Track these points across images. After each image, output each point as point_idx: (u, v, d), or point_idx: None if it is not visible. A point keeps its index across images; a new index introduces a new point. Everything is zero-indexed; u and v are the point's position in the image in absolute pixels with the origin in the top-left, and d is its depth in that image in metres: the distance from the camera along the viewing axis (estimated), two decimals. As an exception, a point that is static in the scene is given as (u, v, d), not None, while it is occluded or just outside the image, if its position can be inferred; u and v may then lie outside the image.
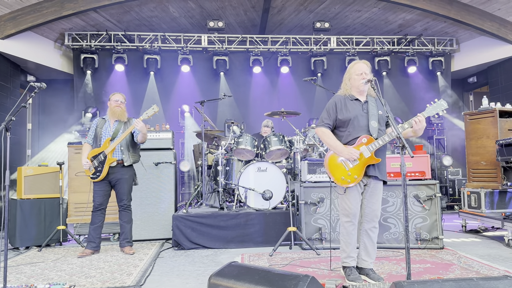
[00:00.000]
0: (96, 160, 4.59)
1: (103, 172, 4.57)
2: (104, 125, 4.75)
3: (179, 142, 9.00)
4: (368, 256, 3.40)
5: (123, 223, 4.76)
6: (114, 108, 4.72)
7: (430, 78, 9.64)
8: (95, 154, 4.61)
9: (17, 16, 7.33)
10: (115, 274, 3.77)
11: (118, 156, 4.63)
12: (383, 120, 3.39)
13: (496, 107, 5.55)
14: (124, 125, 4.75)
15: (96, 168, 4.59)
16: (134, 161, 4.76)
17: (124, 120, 4.78)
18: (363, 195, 3.41)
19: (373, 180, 3.36)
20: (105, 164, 4.56)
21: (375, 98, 3.43)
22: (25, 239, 5.15)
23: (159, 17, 8.40)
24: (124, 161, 4.65)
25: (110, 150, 4.55)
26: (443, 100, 3.25)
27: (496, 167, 5.45)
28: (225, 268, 2.66)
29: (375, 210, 3.38)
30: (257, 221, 5.09)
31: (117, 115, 4.72)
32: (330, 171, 3.39)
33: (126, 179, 4.69)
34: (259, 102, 9.21)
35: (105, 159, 4.56)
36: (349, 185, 3.29)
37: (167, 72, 9.13)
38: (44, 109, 9.14)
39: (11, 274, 3.83)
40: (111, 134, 4.67)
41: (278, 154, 5.77)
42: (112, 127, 4.72)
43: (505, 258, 4.17)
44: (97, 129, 4.74)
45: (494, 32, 8.28)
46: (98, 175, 4.59)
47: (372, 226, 3.39)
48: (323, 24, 8.58)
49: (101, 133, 4.69)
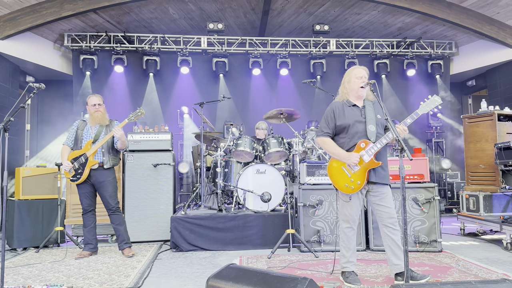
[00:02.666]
0: (76, 162, 4.52)
1: (83, 174, 4.50)
2: (85, 127, 4.70)
3: (178, 144, 8.98)
4: (398, 259, 3.28)
5: (116, 226, 4.69)
6: (94, 113, 4.66)
7: (429, 81, 9.65)
8: (75, 156, 4.56)
9: (16, 17, 7.33)
10: (113, 276, 3.76)
11: (99, 158, 4.58)
12: (381, 124, 3.38)
13: (494, 110, 5.56)
14: (106, 128, 4.70)
15: (77, 171, 4.52)
16: (114, 164, 4.69)
17: (105, 123, 4.72)
18: (373, 202, 3.37)
19: (375, 186, 3.33)
20: (86, 167, 4.50)
21: (372, 102, 3.43)
22: (22, 240, 5.13)
23: (158, 18, 8.40)
24: (104, 164, 4.58)
25: (92, 152, 4.51)
26: (437, 96, 3.26)
27: (494, 171, 5.46)
28: (223, 270, 2.65)
29: (390, 213, 3.31)
30: (255, 223, 5.08)
31: (98, 120, 4.67)
32: (333, 179, 3.38)
33: (109, 181, 4.62)
34: (258, 104, 9.20)
35: (86, 161, 4.50)
36: (354, 192, 3.28)
37: (167, 74, 9.13)
38: (43, 110, 9.13)
39: (9, 275, 3.81)
40: (92, 136, 4.63)
41: (277, 156, 5.77)
42: (94, 130, 4.67)
43: (504, 261, 4.17)
44: (78, 131, 4.69)
45: (493, 35, 8.29)
46: (78, 177, 4.51)
47: (391, 229, 3.30)
48: (323, 27, 8.59)
49: (82, 135, 4.65)
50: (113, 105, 8.05)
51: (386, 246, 3.35)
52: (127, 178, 5.58)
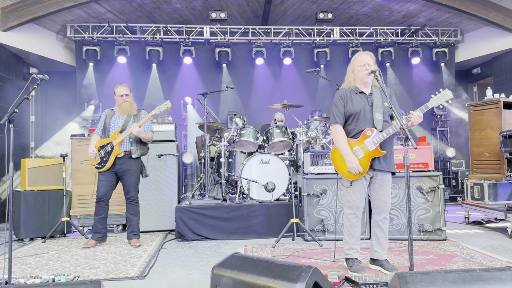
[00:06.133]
0: (103, 150, 4.57)
1: (108, 162, 4.54)
2: (113, 116, 4.73)
3: (181, 134, 8.99)
4: (380, 248, 3.42)
5: (130, 216, 4.73)
6: (122, 104, 4.68)
7: (434, 69, 9.57)
8: (102, 144, 4.60)
9: (19, 8, 7.31)
10: (119, 265, 3.80)
11: (127, 147, 4.61)
12: (387, 112, 3.36)
13: (500, 98, 5.51)
14: (134, 118, 4.71)
15: (102, 158, 4.57)
16: (142, 153, 4.71)
17: (133, 113, 4.73)
18: (371, 188, 3.42)
19: (379, 172, 3.35)
20: (111, 155, 4.54)
21: (380, 90, 3.40)
22: (29, 230, 5.18)
23: (161, 8, 8.35)
24: (132, 153, 4.61)
25: (118, 141, 4.53)
26: (448, 90, 3.21)
27: (499, 159, 5.43)
28: (228, 259, 2.66)
29: (385, 202, 3.38)
30: (259, 212, 5.10)
31: (126, 110, 4.69)
32: (335, 164, 3.39)
33: (133, 171, 4.65)
34: (262, 93, 9.18)
35: (112, 150, 4.54)
36: (355, 179, 3.29)
37: (169, 64, 9.10)
38: (46, 101, 9.14)
39: (16, 265, 3.87)
40: (120, 126, 4.65)
41: (281, 146, 5.76)
42: (121, 119, 4.70)
43: (508, 249, 4.17)
44: (106, 120, 4.73)
45: (499, 22, 8.18)
46: (103, 165, 4.56)
47: (383, 218, 3.40)
48: (326, 15, 8.50)
49: (110, 124, 4.68)
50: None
51: (373, 233, 3.47)
52: (131, 168, 5.60)
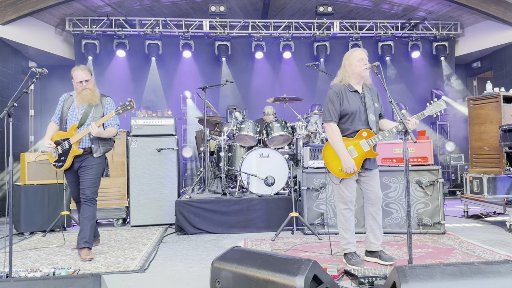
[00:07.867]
0: (60, 147, 3.92)
1: (66, 162, 3.88)
2: (72, 105, 3.99)
3: (181, 128, 8.99)
4: (376, 239, 3.46)
5: (83, 219, 3.90)
6: (81, 92, 3.91)
7: (434, 63, 9.55)
8: (59, 139, 3.94)
9: (17, 1, 7.25)
10: (119, 259, 3.82)
11: (86, 145, 3.92)
12: (377, 112, 3.44)
13: (500, 92, 5.50)
14: (95, 108, 3.96)
15: (60, 156, 3.94)
16: (105, 150, 4.02)
17: (95, 103, 3.96)
18: (362, 181, 3.47)
19: (367, 170, 3.42)
20: (69, 155, 3.88)
21: (369, 88, 3.45)
22: (29, 224, 5.19)
23: (160, 1, 8.30)
24: (94, 152, 3.92)
25: (75, 140, 3.84)
26: (442, 100, 3.30)
27: (499, 153, 5.44)
28: (228, 253, 2.68)
29: (377, 193, 3.44)
30: (259, 206, 5.11)
31: (86, 100, 3.93)
32: (327, 162, 3.43)
33: (92, 167, 3.92)
34: (261, 87, 9.16)
35: (69, 148, 3.87)
36: (346, 177, 3.33)
37: (169, 58, 9.07)
38: (46, 95, 9.11)
39: (17, 258, 3.88)
40: (78, 118, 3.93)
41: (281, 140, 5.76)
42: (80, 110, 3.96)
43: (507, 243, 4.19)
44: (64, 108, 4.01)
45: (499, 16, 8.14)
46: (61, 165, 3.91)
47: (376, 209, 3.45)
48: (326, 8, 8.47)
49: (67, 114, 3.96)
50: (115, 90, 8.04)
51: (367, 225, 3.50)
52: (131, 163, 5.62)
